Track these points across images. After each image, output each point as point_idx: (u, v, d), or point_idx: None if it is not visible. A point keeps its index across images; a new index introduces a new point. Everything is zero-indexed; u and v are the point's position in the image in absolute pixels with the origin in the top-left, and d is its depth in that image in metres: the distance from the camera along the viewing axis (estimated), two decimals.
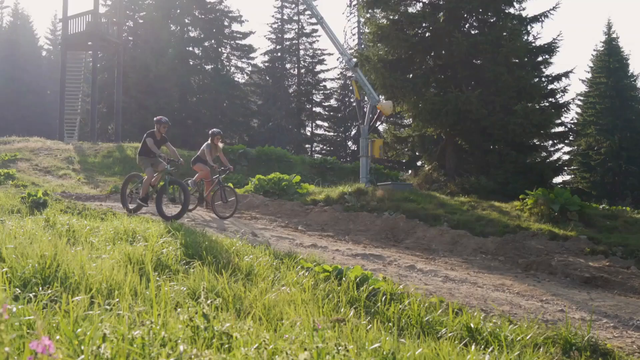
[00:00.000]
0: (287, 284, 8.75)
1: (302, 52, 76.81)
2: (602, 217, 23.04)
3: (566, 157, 64.63)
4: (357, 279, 9.61)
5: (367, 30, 35.48)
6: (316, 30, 77.43)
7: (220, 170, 21.52)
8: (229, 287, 7.87)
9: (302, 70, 76.86)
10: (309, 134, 76.80)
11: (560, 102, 37.37)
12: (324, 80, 77.38)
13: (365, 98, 31.74)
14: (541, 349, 7.82)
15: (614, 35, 71.64)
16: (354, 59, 31.71)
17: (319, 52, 77.16)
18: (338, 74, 78.10)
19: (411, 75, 33.73)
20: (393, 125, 45.06)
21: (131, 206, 18.73)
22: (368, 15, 34.99)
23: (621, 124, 65.89)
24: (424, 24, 34.39)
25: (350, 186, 25.88)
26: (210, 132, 22.41)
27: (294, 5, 78.81)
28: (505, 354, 6.82)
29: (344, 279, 9.61)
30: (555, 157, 61.67)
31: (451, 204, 23.99)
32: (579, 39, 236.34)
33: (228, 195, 21.35)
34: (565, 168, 60.55)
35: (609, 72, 69.11)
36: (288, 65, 78.58)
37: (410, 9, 35.34)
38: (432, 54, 35.17)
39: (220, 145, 22.33)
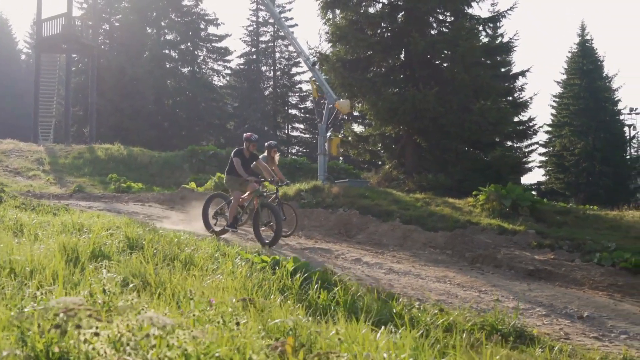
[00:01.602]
0: (222, 273, 8.96)
1: (277, 55, 76.82)
2: (553, 212, 23.38)
3: (533, 156, 65.44)
4: (293, 269, 9.87)
5: (326, 31, 35.76)
6: (292, 32, 77.39)
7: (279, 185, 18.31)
8: (155, 274, 8.10)
9: (278, 73, 76.84)
10: (285, 136, 76.82)
11: (518, 100, 37.81)
12: (300, 82, 77.31)
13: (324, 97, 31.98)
14: (465, 334, 8.10)
15: (587, 37, 72.09)
16: (312, 59, 32.07)
17: (295, 54, 77.37)
18: (313, 76, 78.14)
19: (370, 75, 34.00)
20: (356, 124, 45.56)
21: (217, 228, 17.04)
22: (329, 16, 35.38)
23: (595, 125, 66.31)
24: (383, 24, 34.78)
25: (307, 183, 26.10)
26: (266, 144, 20.14)
27: (278, 10, 79.03)
28: (409, 331, 7.10)
29: (278, 268, 9.84)
30: (530, 157, 62.79)
31: (405, 201, 24.26)
32: (554, 41, 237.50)
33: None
34: (527, 165, 61.41)
35: (582, 73, 69.51)
36: (264, 68, 78.58)
37: (370, 10, 35.69)
38: (392, 53, 35.53)
39: (277, 157, 20.07)
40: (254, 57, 78.03)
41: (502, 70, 61.41)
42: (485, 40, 35.49)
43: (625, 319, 11.79)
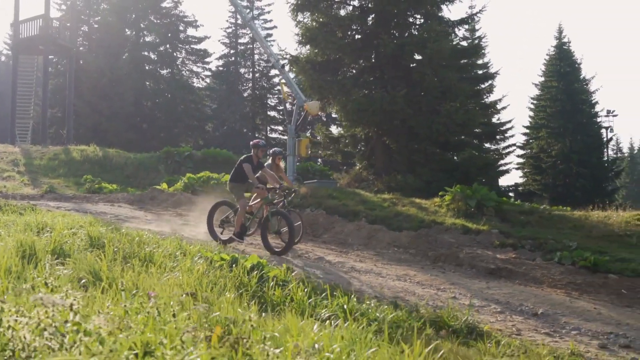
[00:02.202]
0: (179, 271, 9.13)
1: (256, 57, 76.73)
2: (518, 212, 23.64)
3: (511, 157, 65.87)
4: (251, 267, 10.06)
5: (297, 33, 35.94)
6: (271, 35, 77.58)
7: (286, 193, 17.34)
8: (108, 270, 8.26)
9: (257, 75, 76.84)
10: (264, 137, 76.77)
11: (487, 102, 38.08)
12: (279, 84, 77.46)
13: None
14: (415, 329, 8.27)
15: (565, 40, 72.47)
16: (282, 60, 32.30)
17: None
18: (299, 80, 78.42)
19: (340, 77, 34.20)
20: (334, 125, 45.88)
21: (223, 237, 16.48)
22: (300, 18, 35.63)
23: (572, 127, 66.61)
24: (353, 27, 35.00)
25: None
26: (271, 151, 19.10)
27: (248, 10, 78.61)
28: (351, 324, 7.29)
29: (236, 266, 10.01)
30: (507, 159, 63.07)
31: (373, 201, 24.49)
32: (534, 43, 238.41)
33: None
34: (504, 167, 61.74)
35: (559, 76, 69.83)
36: (242, 70, 78.62)
37: (342, 12, 35.92)
38: (362, 55, 35.70)
39: (282, 165, 19.65)
40: (233, 59, 78.02)
41: (480, 72, 62.16)
42: (455, 42, 35.56)
43: (579, 316, 12.02)
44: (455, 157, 36.14)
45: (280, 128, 77.14)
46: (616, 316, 12.32)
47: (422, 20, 36.05)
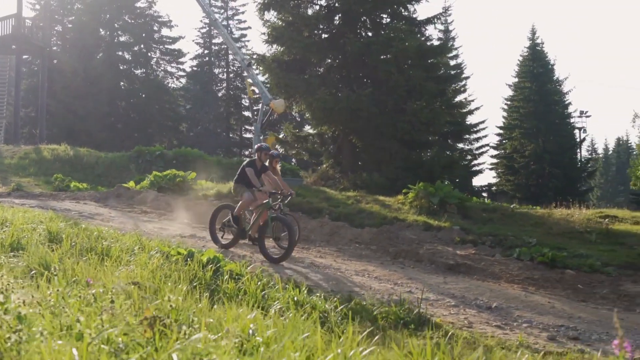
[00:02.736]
0: (135, 264, 9.25)
1: (231, 57, 76.68)
2: (481, 210, 23.88)
3: (479, 157, 66.24)
4: (207, 261, 10.20)
5: (263, 32, 36.04)
6: (245, 35, 77.67)
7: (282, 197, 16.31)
8: (60, 263, 8.36)
9: (231, 75, 76.77)
10: (238, 138, 76.72)
11: (455, 102, 38.35)
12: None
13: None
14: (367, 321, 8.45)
15: (538, 41, 72.89)
16: (247, 59, 32.44)
17: (248, 57, 77.47)
18: (266, 78, 78.42)
19: (306, 76, 34.28)
20: (308, 125, 46.05)
21: (224, 241, 16.18)
22: (267, 17, 35.83)
23: (545, 127, 67.02)
24: (320, 26, 35.14)
25: None
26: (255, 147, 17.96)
27: (222, 11, 78.76)
28: (294, 314, 7.43)
29: (190, 260, 10.13)
30: (480, 159, 63.39)
31: (337, 198, 24.62)
32: (508, 44, 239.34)
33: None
34: (472, 165, 62.10)
35: (533, 76, 70.24)
36: (217, 70, 78.62)
37: (309, 11, 36.06)
38: (328, 54, 35.91)
39: (279, 167, 18.84)
40: (207, 59, 78.02)
41: (452, 72, 62.45)
42: (422, 41, 35.67)
43: (533, 310, 12.22)
44: (422, 156, 36.32)
45: (253, 128, 77.10)
46: (569, 310, 12.53)
47: (388, 20, 36.21)
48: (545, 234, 20.45)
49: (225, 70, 77.72)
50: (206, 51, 77.78)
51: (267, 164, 17.16)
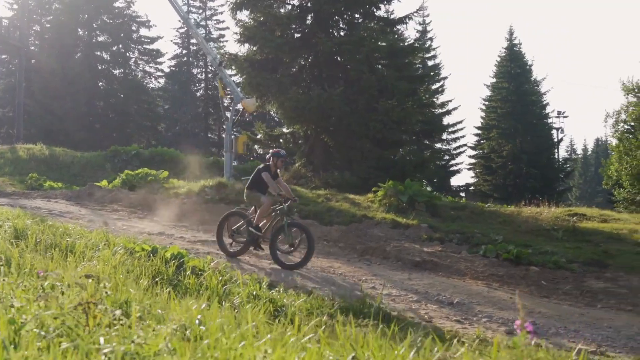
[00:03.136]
0: (98, 260, 9.35)
1: (209, 57, 76.79)
2: (450, 208, 24.07)
3: (457, 157, 66.56)
4: (171, 257, 10.34)
5: (235, 31, 36.17)
6: (224, 35, 77.76)
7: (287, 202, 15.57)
8: (20, 257, 8.46)
9: (210, 75, 76.71)
10: (216, 138, 76.63)
11: (427, 101, 38.52)
12: (239, 85, 77.28)
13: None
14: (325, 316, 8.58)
15: (516, 42, 73.29)
16: (219, 58, 32.56)
17: (220, 56, 77.26)
18: (238, 77, 78.35)
19: (279, 75, 34.34)
20: (265, 123, 46.36)
21: (233, 249, 15.60)
22: (239, 17, 35.98)
23: (522, 127, 67.43)
24: (292, 26, 35.25)
25: (212, 180, 26.44)
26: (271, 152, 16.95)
27: (201, 11, 78.91)
28: (246, 305, 7.57)
29: (153, 256, 10.26)
30: (458, 159, 63.74)
31: (307, 197, 24.68)
32: (487, 45, 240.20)
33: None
34: (450, 165, 62.43)
35: (510, 77, 70.65)
36: (195, 70, 78.67)
37: (282, 11, 36.16)
38: (300, 54, 36.02)
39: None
40: (185, 59, 78.02)
41: (431, 73, 62.69)
42: (393, 41, 35.76)
43: (494, 305, 12.37)
44: (394, 155, 36.41)
45: (235, 129, 77.02)
46: (531, 305, 12.70)
47: (360, 19, 36.34)
48: (513, 232, 20.68)
49: (203, 70, 77.72)
50: (184, 51, 77.82)
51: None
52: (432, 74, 67.51)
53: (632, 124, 39.53)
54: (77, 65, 64.72)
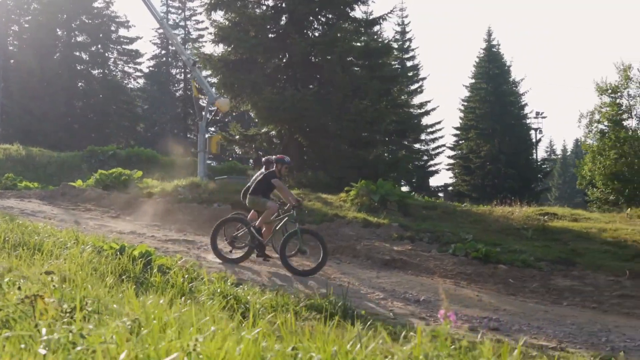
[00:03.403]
0: (65, 258, 9.43)
1: (183, 57, 76.48)
2: (421, 207, 24.25)
3: (436, 157, 66.81)
4: (139, 255, 10.43)
5: (210, 31, 36.24)
6: (203, 36, 77.46)
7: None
8: None
9: (188, 76, 76.39)
10: (195, 138, 76.36)
11: (398, 101, 38.68)
12: (211, 85, 77.11)
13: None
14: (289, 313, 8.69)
15: (494, 42, 73.58)
16: (193, 58, 32.64)
17: (194, 56, 76.99)
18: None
19: (253, 75, 34.37)
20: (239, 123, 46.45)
21: (234, 255, 15.16)
22: (214, 17, 36.07)
23: (500, 128, 67.54)
24: (267, 26, 35.30)
25: (185, 180, 26.53)
26: (264, 159, 17.55)
27: (180, 11, 78.88)
28: (209, 302, 7.68)
29: (121, 254, 10.33)
30: (437, 160, 63.94)
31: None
32: (467, 45, 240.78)
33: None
34: (428, 165, 62.58)
35: (489, 78, 70.80)
36: (174, 71, 78.61)
37: (257, 11, 36.23)
38: (275, 54, 36.04)
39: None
40: (164, 59, 77.88)
41: (411, 74, 62.85)
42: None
43: (460, 303, 12.52)
44: (367, 154, 36.47)
45: (212, 129, 76.93)
46: (496, 303, 12.86)
47: (334, 20, 36.41)
48: (484, 231, 20.82)
49: (182, 70, 77.62)
50: (163, 52, 77.75)
51: (263, 169, 16.73)
52: (410, 74, 67.94)
53: (606, 124, 39.86)
54: (56, 65, 64.66)
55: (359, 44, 34.84)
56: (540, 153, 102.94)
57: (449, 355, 3.55)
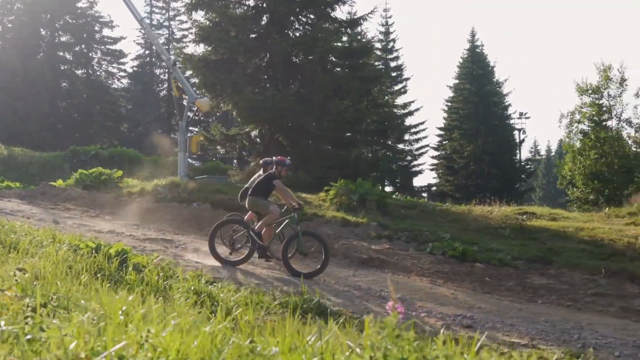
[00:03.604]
0: (41, 256, 9.49)
1: (164, 57, 76.48)
2: (400, 206, 24.38)
3: (419, 157, 66.99)
4: (115, 254, 10.50)
5: (191, 31, 36.33)
6: (186, 36, 77.18)
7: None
8: None
9: (172, 76, 76.45)
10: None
11: (378, 101, 38.81)
12: (192, 85, 77.02)
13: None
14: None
15: (478, 43, 73.73)
16: (173, 58, 32.69)
17: (181, 57, 77.02)
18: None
19: (234, 75, 34.41)
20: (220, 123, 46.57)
21: (234, 257, 14.97)
22: (194, 17, 36.18)
23: (484, 128, 67.63)
24: (248, 27, 35.35)
25: (165, 179, 26.59)
26: (262, 161, 17.41)
27: (164, 11, 78.72)
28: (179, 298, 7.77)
29: (96, 253, 10.40)
30: (421, 160, 64.04)
31: None
32: (450, 46, 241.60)
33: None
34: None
35: (472, 78, 70.92)
36: (158, 71, 78.43)
37: (238, 11, 36.30)
38: (256, 54, 36.07)
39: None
40: (148, 59, 77.75)
41: (394, 74, 62.99)
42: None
43: (435, 301, 12.65)
44: (348, 154, 36.55)
45: (196, 129, 76.85)
46: (471, 301, 12.98)
47: (315, 21, 36.49)
48: (462, 230, 20.98)
49: (166, 70, 77.09)
50: (147, 52, 77.57)
51: (261, 172, 16.61)
52: (394, 74, 68.08)
53: (587, 124, 40.11)
54: (40, 65, 64.40)
55: (340, 44, 34.98)
56: (525, 153, 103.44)
57: (394, 343, 3.64)
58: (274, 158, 15.74)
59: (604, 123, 39.77)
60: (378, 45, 69.12)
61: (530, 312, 12.51)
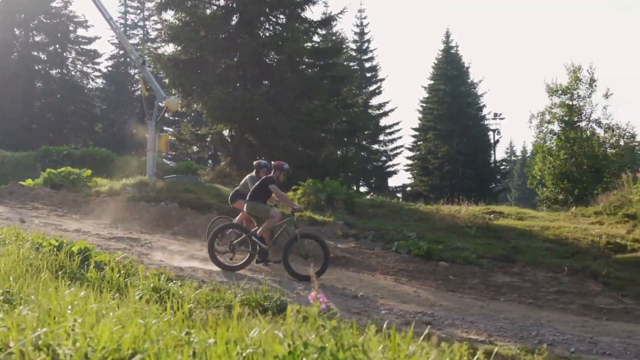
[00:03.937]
0: (2, 254, 9.53)
1: (132, 56, 76.45)
2: (368, 206, 24.49)
3: (394, 158, 67.09)
4: (77, 251, 10.54)
5: (161, 31, 36.34)
6: (161, 36, 77.41)
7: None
8: None
9: (142, 75, 76.28)
10: None
11: (348, 101, 38.95)
12: (165, 85, 76.84)
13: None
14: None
15: (452, 44, 73.93)
16: (142, 57, 32.69)
17: (150, 56, 76.80)
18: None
19: (203, 75, 34.46)
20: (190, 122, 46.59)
21: (235, 262, 14.82)
22: (164, 16, 36.23)
23: (458, 129, 67.80)
24: (217, 26, 35.36)
25: (133, 178, 26.62)
26: (255, 163, 17.79)
27: (139, 11, 78.55)
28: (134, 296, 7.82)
29: (58, 251, 10.45)
30: (395, 160, 64.10)
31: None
32: (424, 48, 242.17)
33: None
34: (387, 166, 62.68)
35: (447, 79, 71.04)
36: (133, 71, 78.12)
37: (208, 11, 36.34)
38: (225, 54, 36.17)
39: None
40: (123, 59, 77.47)
41: (369, 75, 63.13)
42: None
43: (397, 299, 12.78)
44: (318, 154, 36.61)
45: (171, 129, 76.70)
46: (433, 299, 13.14)
47: (284, 21, 36.56)
48: (429, 229, 21.11)
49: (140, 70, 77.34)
50: (121, 52, 76.99)
51: (253, 173, 17.19)
52: (369, 75, 68.30)
53: (557, 124, 40.27)
54: (14, 65, 64.08)
55: (310, 44, 35.10)
56: (501, 154, 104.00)
57: (316, 333, 3.76)
58: (272, 162, 15.91)
59: (575, 124, 39.97)
60: (353, 45, 69.42)
61: (491, 309, 12.68)
